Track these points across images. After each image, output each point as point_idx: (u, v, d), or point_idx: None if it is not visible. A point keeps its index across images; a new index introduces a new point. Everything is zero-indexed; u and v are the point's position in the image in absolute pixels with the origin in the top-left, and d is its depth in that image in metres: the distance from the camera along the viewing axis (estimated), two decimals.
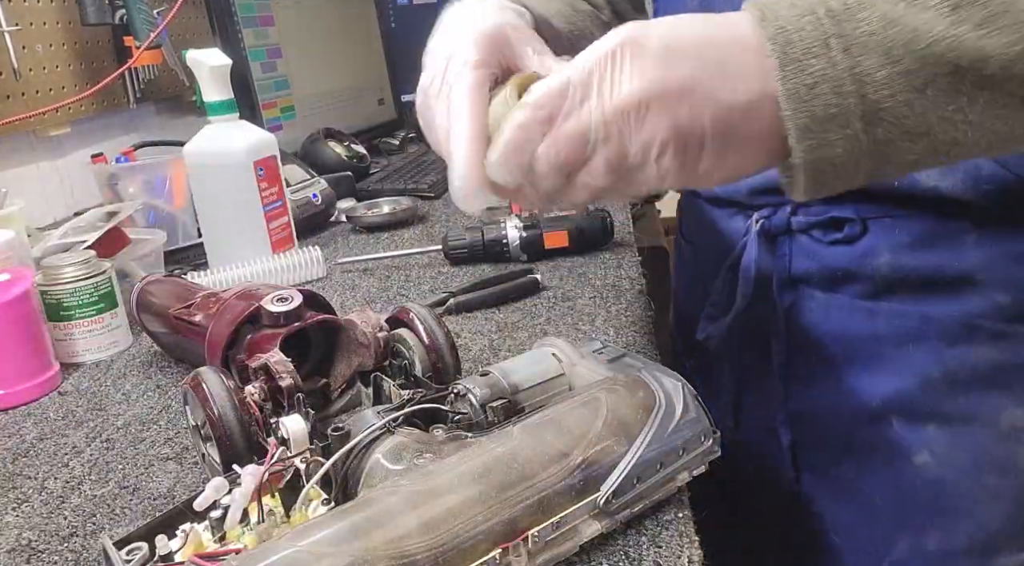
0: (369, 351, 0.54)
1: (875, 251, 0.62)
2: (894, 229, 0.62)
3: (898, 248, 0.61)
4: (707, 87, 0.39)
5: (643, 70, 0.39)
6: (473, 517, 0.37)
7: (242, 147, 0.89)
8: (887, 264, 0.62)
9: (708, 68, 0.40)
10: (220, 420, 0.46)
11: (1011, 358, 0.60)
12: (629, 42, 0.40)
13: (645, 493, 0.43)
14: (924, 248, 0.61)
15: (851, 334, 0.64)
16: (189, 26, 1.57)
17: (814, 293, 0.66)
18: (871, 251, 0.63)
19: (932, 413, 0.62)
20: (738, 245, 0.71)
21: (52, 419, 0.64)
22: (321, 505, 0.42)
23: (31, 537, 0.49)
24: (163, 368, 0.72)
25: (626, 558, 0.42)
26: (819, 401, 0.67)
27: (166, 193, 1.10)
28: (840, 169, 0.40)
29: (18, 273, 0.68)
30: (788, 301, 0.67)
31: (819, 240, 0.65)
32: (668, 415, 0.45)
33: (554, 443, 0.42)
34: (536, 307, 0.76)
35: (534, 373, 0.49)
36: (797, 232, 0.66)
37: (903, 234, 0.61)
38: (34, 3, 1.21)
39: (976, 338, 0.60)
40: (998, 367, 0.61)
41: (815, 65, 0.38)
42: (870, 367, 0.64)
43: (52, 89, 1.23)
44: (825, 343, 0.66)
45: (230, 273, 0.85)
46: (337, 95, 1.57)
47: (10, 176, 1.21)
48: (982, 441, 0.62)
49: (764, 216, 0.68)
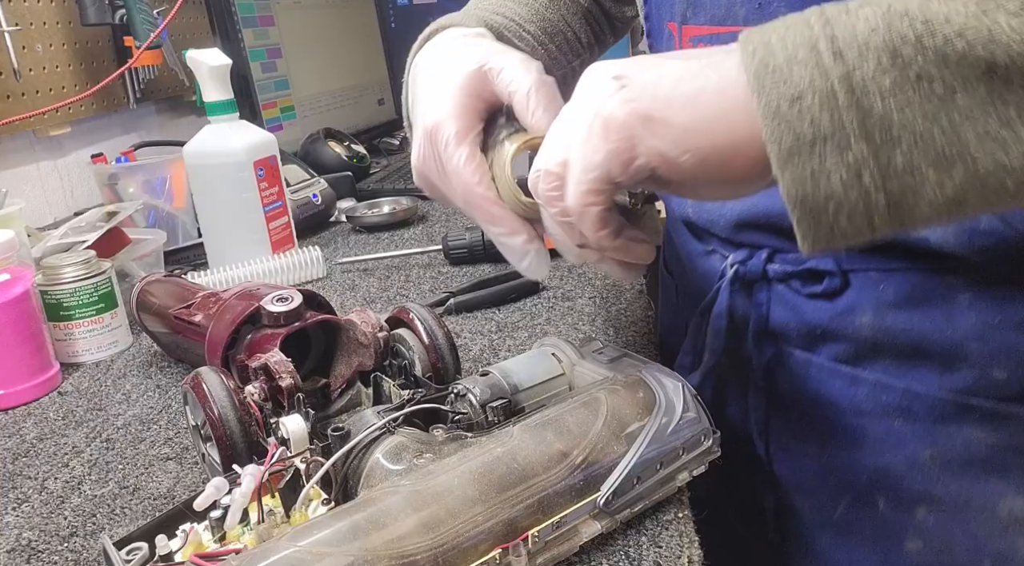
0: (369, 351, 0.54)
1: (857, 308, 0.54)
2: (878, 285, 0.53)
3: (882, 307, 0.53)
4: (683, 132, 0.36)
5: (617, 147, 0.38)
6: (473, 517, 0.37)
7: (242, 147, 0.89)
8: (869, 325, 0.54)
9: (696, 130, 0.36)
10: (220, 420, 0.46)
11: (1009, 441, 0.52)
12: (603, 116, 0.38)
13: (645, 493, 0.43)
14: (910, 308, 0.52)
15: (832, 401, 0.56)
16: (189, 26, 1.57)
17: (792, 351, 0.58)
18: (852, 308, 0.54)
19: (922, 495, 0.54)
20: (712, 289, 0.63)
21: (52, 419, 0.64)
22: (321, 505, 0.42)
23: (31, 537, 0.49)
24: (163, 368, 0.72)
25: (626, 558, 0.42)
26: (801, 470, 0.60)
27: (166, 193, 1.10)
28: (845, 207, 0.33)
29: (18, 273, 0.68)
30: (766, 355, 0.60)
31: (797, 291, 0.57)
32: (668, 415, 0.45)
33: (554, 443, 0.42)
34: (536, 307, 0.76)
35: (534, 373, 0.49)
36: (775, 281, 0.58)
37: (888, 291, 0.53)
38: (34, 3, 1.21)
39: (968, 418, 0.52)
40: (995, 450, 0.52)
41: (799, 74, 0.32)
42: (854, 440, 0.56)
43: (52, 89, 1.23)
44: (805, 407, 0.58)
45: (230, 273, 0.85)
46: (337, 95, 1.57)
47: (10, 176, 1.21)
48: (979, 530, 0.54)
49: (739, 260, 0.60)
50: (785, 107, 0.32)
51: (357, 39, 1.68)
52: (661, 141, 0.37)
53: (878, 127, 0.31)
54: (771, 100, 0.32)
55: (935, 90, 0.31)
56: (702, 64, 0.37)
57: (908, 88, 0.31)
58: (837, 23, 0.32)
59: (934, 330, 0.51)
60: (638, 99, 0.37)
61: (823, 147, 0.32)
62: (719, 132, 0.36)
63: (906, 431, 0.54)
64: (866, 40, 0.31)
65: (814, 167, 0.32)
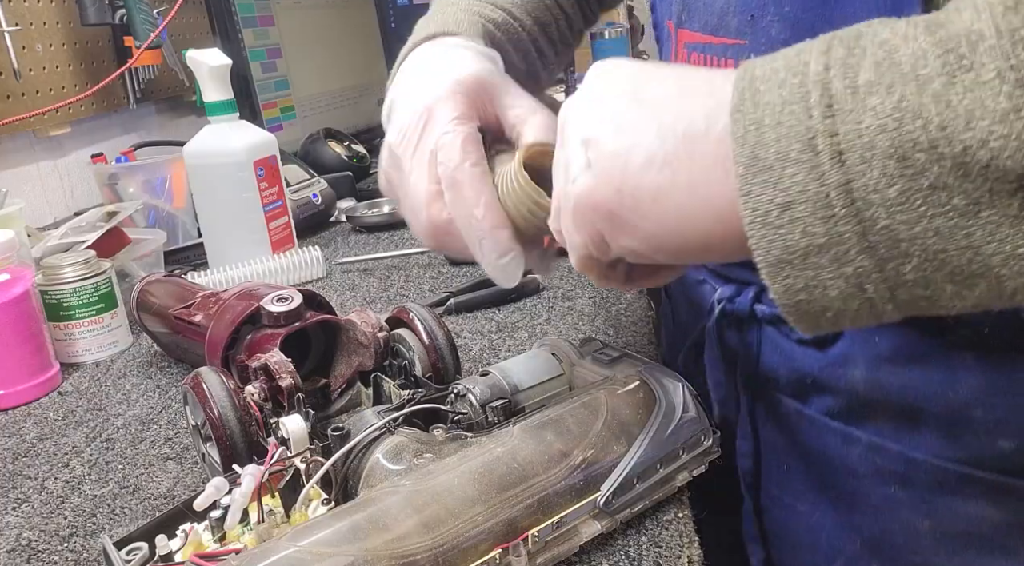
0: (369, 351, 0.54)
1: (849, 360, 0.49)
2: (873, 336, 0.48)
3: (876, 361, 0.48)
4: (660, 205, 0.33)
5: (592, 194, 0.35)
6: (473, 517, 0.37)
7: (242, 147, 0.89)
8: (862, 379, 0.48)
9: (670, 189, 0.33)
10: (220, 420, 0.46)
11: (1016, 518, 0.46)
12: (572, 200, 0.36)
13: (645, 493, 0.43)
14: (907, 365, 0.46)
15: (824, 458, 0.52)
16: (189, 26, 1.57)
17: (782, 398, 0.53)
18: (844, 360, 0.49)
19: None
20: (700, 324, 0.59)
21: (52, 419, 0.64)
22: (321, 505, 0.42)
23: (31, 537, 0.49)
24: (163, 368, 0.72)
25: (626, 558, 0.42)
26: (792, 526, 0.55)
27: (166, 193, 1.10)
28: (848, 314, 0.30)
29: (18, 273, 0.68)
30: (756, 400, 0.55)
31: (787, 336, 0.52)
32: (668, 415, 0.45)
33: (554, 443, 0.42)
34: (536, 307, 0.76)
35: (534, 373, 0.49)
36: (764, 322, 0.54)
37: (884, 343, 0.47)
38: (34, 3, 1.21)
39: (971, 491, 0.47)
40: (1000, 528, 0.47)
41: (791, 177, 0.28)
42: (847, 502, 0.51)
43: (52, 89, 1.23)
44: (795, 461, 0.54)
45: (230, 273, 0.85)
46: (337, 95, 1.57)
47: (10, 176, 1.21)
48: None
49: (727, 297, 0.55)
50: (774, 215, 0.28)
51: (357, 39, 1.68)
52: (630, 240, 0.35)
53: (883, 242, 0.27)
54: (759, 206, 0.28)
55: (954, 204, 0.26)
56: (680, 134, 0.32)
57: (919, 201, 0.26)
58: (841, 112, 0.27)
59: (933, 391, 0.46)
60: (602, 188, 0.34)
61: (817, 258, 0.28)
62: (690, 234, 0.33)
63: (903, 498, 0.49)
64: (872, 141, 0.26)
65: (807, 280, 0.29)
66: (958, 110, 0.25)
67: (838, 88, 0.27)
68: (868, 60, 0.27)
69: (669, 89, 0.34)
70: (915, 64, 0.26)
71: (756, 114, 0.29)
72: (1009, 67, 0.25)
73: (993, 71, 0.25)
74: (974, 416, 0.45)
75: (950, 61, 0.26)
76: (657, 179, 0.32)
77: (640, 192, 0.33)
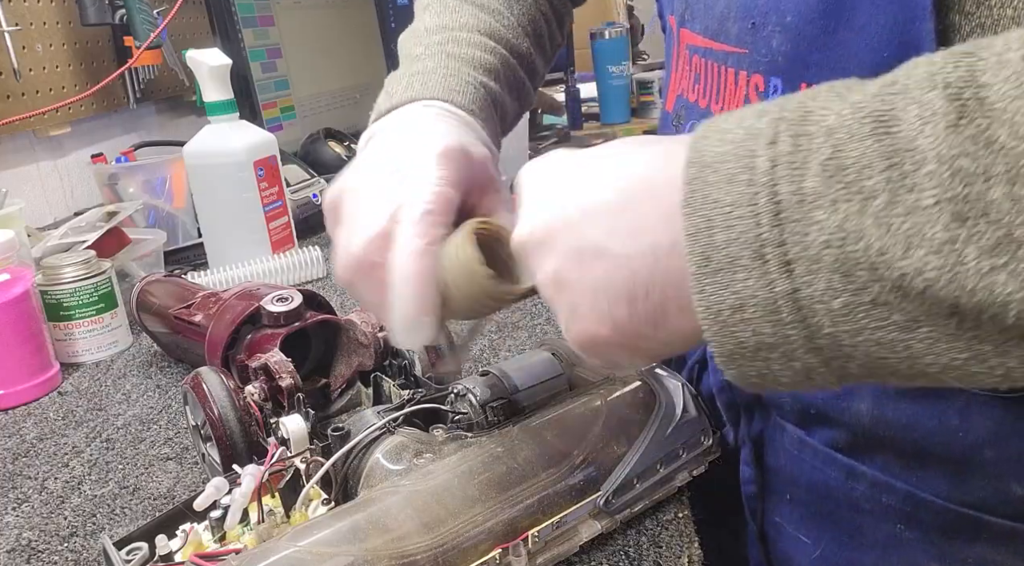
0: (369, 351, 0.54)
1: (855, 393, 0.47)
2: None
3: (882, 395, 0.46)
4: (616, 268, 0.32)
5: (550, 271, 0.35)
6: (473, 517, 0.37)
7: (242, 147, 0.89)
8: (868, 413, 0.47)
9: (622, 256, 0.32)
10: (220, 420, 0.46)
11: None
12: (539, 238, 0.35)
13: (645, 493, 0.43)
14: (916, 400, 0.45)
15: (828, 491, 0.50)
16: (189, 26, 1.57)
17: (786, 425, 0.52)
18: (850, 392, 0.48)
19: None
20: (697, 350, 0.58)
21: (52, 419, 0.64)
22: (321, 505, 0.43)
23: (31, 537, 0.49)
24: (163, 368, 0.72)
25: (626, 558, 0.42)
26: (794, 557, 0.54)
27: (166, 193, 1.10)
28: (797, 388, 0.31)
29: (18, 273, 0.68)
30: (760, 425, 0.54)
31: None
32: (668, 415, 0.45)
33: (554, 443, 0.42)
34: (536, 307, 0.76)
35: (534, 373, 0.49)
36: None
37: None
38: (34, 3, 1.21)
39: (981, 536, 0.45)
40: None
41: (742, 281, 0.28)
42: (852, 538, 0.50)
43: (52, 89, 1.23)
44: (799, 491, 0.52)
45: (230, 273, 0.85)
46: (337, 95, 1.57)
47: (10, 176, 1.21)
48: None
49: None
50: (726, 314, 0.29)
51: (357, 39, 1.68)
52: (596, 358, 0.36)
53: (827, 346, 0.28)
54: (712, 305, 0.29)
55: (894, 319, 0.27)
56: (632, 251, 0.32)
57: (861, 314, 0.27)
58: (788, 221, 0.27)
59: (941, 430, 0.44)
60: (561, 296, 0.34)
61: (768, 353, 0.29)
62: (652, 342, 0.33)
63: (910, 538, 0.47)
64: (818, 255, 0.27)
65: (759, 369, 0.30)
66: (897, 236, 0.25)
67: (785, 194, 0.28)
68: (814, 161, 0.27)
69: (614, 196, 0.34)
70: (860, 173, 0.26)
71: (707, 212, 0.29)
72: (948, 199, 0.25)
73: (932, 199, 0.25)
74: (985, 458, 0.44)
75: (894, 178, 0.26)
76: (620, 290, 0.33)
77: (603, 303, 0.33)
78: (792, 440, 0.52)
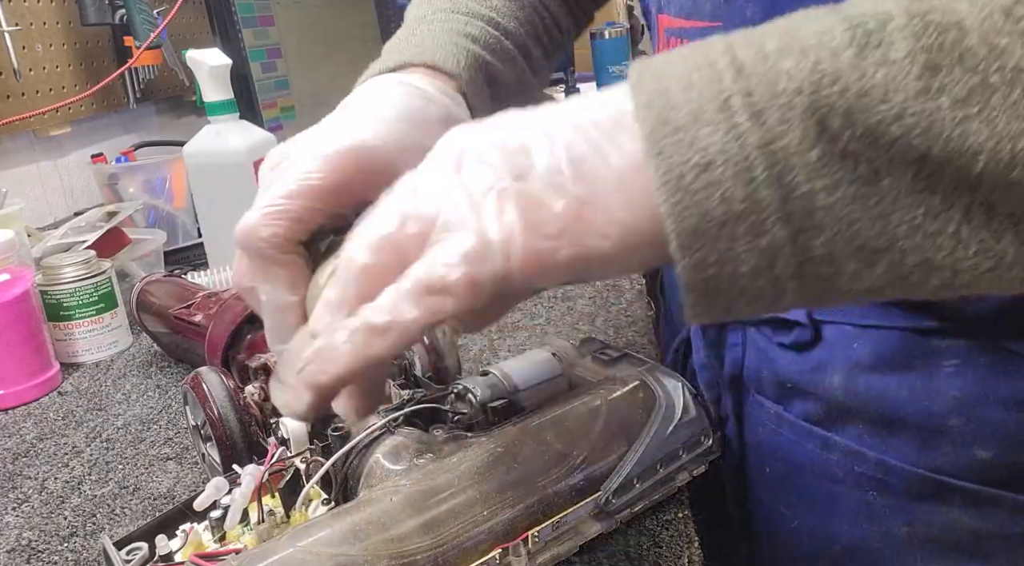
0: None
1: (827, 366, 0.49)
2: (852, 342, 0.48)
3: (854, 368, 0.48)
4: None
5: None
6: (473, 517, 0.37)
7: (242, 147, 0.89)
8: (840, 386, 0.49)
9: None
10: (220, 420, 0.46)
11: (994, 529, 0.46)
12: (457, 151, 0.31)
13: (645, 493, 0.43)
14: (885, 372, 0.47)
15: (805, 463, 0.52)
16: (189, 26, 1.57)
17: (764, 401, 0.54)
18: (823, 365, 0.49)
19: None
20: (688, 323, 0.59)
21: (52, 419, 0.64)
22: (321, 505, 0.43)
23: (31, 537, 0.49)
24: (163, 368, 0.72)
25: (626, 558, 0.42)
26: (773, 529, 0.56)
27: (166, 193, 1.10)
28: (748, 293, 0.27)
29: (18, 273, 0.68)
30: (741, 402, 0.55)
31: (769, 339, 0.52)
32: (668, 415, 0.45)
33: (554, 443, 0.42)
34: (536, 307, 0.76)
35: (534, 373, 0.49)
36: (747, 324, 0.53)
37: (863, 349, 0.47)
38: (34, 3, 1.21)
39: (948, 499, 0.47)
40: (977, 537, 0.47)
41: (707, 136, 0.25)
42: (826, 507, 0.52)
43: (52, 89, 1.23)
44: (778, 464, 0.54)
45: (230, 273, 0.85)
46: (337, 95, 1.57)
47: (10, 176, 1.21)
48: None
49: None
50: (690, 177, 0.25)
51: (357, 39, 1.68)
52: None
53: (798, 211, 0.25)
54: (672, 167, 0.25)
55: (860, 172, 0.25)
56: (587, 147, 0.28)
57: (836, 167, 0.25)
58: (753, 74, 0.25)
59: (911, 400, 0.46)
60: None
61: (734, 228, 0.25)
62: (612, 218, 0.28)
63: (881, 505, 0.49)
64: (790, 102, 0.25)
65: (720, 253, 0.26)
66: (875, 81, 0.24)
67: (746, 55, 0.26)
68: (773, 34, 0.26)
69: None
70: (821, 38, 0.25)
71: (659, 84, 0.26)
72: (920, 48, 0.24)
73: (904, 50, 0.24)
74: (951, 426, 0.46)
75: (858, 35, 0.25)
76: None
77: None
78: (770, 415, 0.53)
